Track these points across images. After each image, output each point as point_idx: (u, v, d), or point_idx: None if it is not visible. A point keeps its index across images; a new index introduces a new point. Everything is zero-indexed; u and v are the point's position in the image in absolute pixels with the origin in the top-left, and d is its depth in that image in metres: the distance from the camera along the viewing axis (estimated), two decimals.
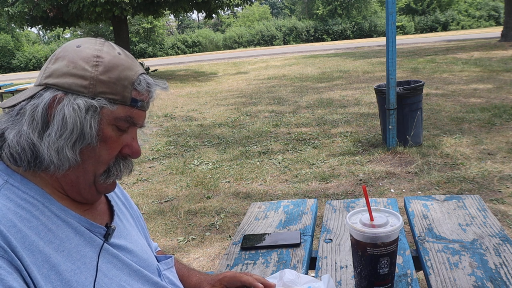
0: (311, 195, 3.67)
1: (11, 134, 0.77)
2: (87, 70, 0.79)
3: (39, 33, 48.16)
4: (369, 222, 1.08)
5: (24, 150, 0.77)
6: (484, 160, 4.07)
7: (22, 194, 0.77)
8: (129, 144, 0.86)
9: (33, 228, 0.75)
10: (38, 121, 0.77)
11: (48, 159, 0.77)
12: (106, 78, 0.79)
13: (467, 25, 40.40)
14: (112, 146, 0.83)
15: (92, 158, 0.82)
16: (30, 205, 0.77)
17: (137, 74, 0.83)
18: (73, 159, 0.79)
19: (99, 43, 0.83)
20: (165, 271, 1.03)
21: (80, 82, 0.78)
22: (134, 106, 0.83)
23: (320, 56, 18.46)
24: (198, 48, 40.77)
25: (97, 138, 0.80)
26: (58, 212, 0.80)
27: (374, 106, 6.60)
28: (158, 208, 3.72)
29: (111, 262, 0.86)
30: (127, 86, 0.81)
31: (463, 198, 1.65)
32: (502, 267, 1.18)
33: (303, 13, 47.56)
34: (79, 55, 0.80)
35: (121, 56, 0.83)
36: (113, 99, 0.80)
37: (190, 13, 18.35)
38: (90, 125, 0.79)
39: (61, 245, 0.78)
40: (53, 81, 0.79)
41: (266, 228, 1.59)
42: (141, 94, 0.84)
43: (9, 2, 14.12)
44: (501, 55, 12.20)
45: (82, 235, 0.83)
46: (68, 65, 0.79)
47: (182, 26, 53.38)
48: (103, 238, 0.87)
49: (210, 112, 7.96)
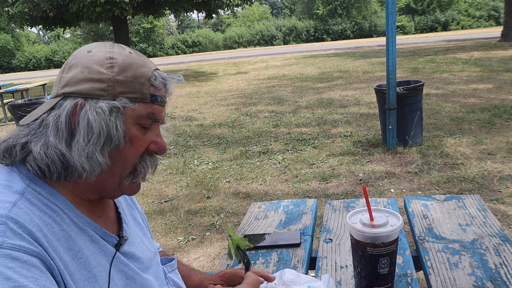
0: (311, 195, 3.67)
1: (37, 147, 0.77)
2: (103, 73, 0.79)
3: (39, 33, 48.18)
4: (369, 222, 1.08)
5: (54, 162, 0.77)
6: (484, 160, 4.07)
7: (44, 199, 0.77)
8: (154, 140, 0.86)
9: (55, 233, 0.75)
10: (63, 131, 0.77)
11: (80, 166, 0.77)
12: (123, 77, 0.79)
13: (467, 25, 40.41)
14: (138, 145, 0.83)
15: (119, 159, 0.82)
16: (51, 211, 0.77)
17: (151, 70, 0.83)
18: (104, 163, 0.79)
19: (109, 45, 0.83)
20: (170, 274, 1.05)
21: (98, 86, 0.78)
22: (154, 102, 0.83)
23: (320, 56, 18.46)
24: (198, 48, 40.77)
25: (123, 138, 0.80)
26: (76, 220, 0.80)
27: (374, 106, 6.60)
28: (158, 208, 3.72)
29: (122, 271, 0.86)
30: (144, 83, 0.81)
31: (463, 198, 1.65)
32: (502, 267, 1.18)
33: (303, 13, 47.56)
34: (92, 59, 0.80)
35: (132, 55, 0.83)
36: (133, 97, 0.80)
37: (190, 13, 18.36)
38: (116, 127, 0.78)
39: (79, 252, 0.78)
40: (70, 89, 0.79)
41: (266, 228, 1.59)
42: (159, 89, 0.84)
43: (9, 2, 14.12)
44: (501, 55, 12.20)
45: (97, 243, 0.83)
46: (83, 71, 0.79)
47: (182, 26, 53.38)
48: (115, 247, 0.87)
49: (210, 112, 7.96)
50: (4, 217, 0.69)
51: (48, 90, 11.73)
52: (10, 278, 0.63)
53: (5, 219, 0.69)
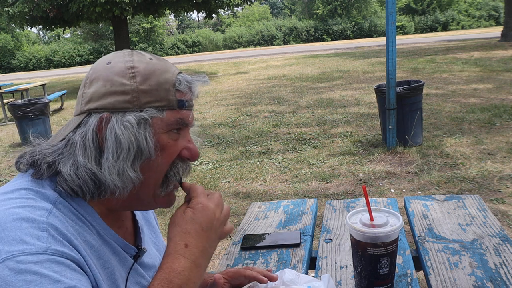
0: (311, 195, 3.67)
1: (66, 168, 0.75)
2: (126, 84, 0.76)
3: (39, 33, 48.18)
4: (369, 222, 1.08)
5: (85, 182, 0.75)
6: (484, 160, 4.07)
7: (74, 209, 0.77)
8: (186, 147, 0.84)
9: (86, 242, 0.75)
10: (91, 149, 0.75)
11: (112, 184, 0.75)
12: (147, 87, 0.77)
13: (467, 25, 40.42)
14: (171, 153, 0.81)
15: (151, 171, 0.80)
16: (80, 222, 0.77)
17: (175, 75, 0.81)
18: (136, 178, 0.77)
19: (127, 54, 0.81)
20: None
21: (122, 98, 0.76)
22: (182, 108, 0.81)
23: (320, 56, 18.46)
24: (198, 48, 40.78)
25: (154, 150, 0.78)
26: (101, 231, 0.80)
27: (374, 106, 6.60)
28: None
29: (139, 283, 0.86)
30: (169, 89, 0.79)
31: (463, 198, 1.65)
32: (502, 267, 1.18)
33: (303, 13, 47.56)
34: (112, 71, 0.77)
35: (153, 61, 0.81)
36: (160, 106, 0.78)
37: (190, 13, 18.36)
38: (145, 139, 0.76)
39: (107, 262, 0.79)
40: (94, 105, 0.76)
41: (266, 228, 1.59)
42: (184, 93, 0.81)
43: (9, 2, 14.13)
44: (501, 55, 12.20)
45: (118, 255, 0.83)
46: (105, 84, 0.76)
47: (182, 26, 53.39)
48: (133, 258, 0.87)
49: (210, 112, 7.96)
50: (45, 224, 0.69)
51: (48, 90, 11.73)
52: (59, 281, 0.64)
53: (46, 225, 0.69)
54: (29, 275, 0.63)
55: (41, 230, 0.68)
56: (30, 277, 0.63)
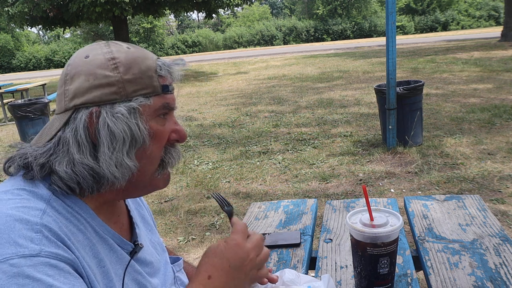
0: (311, 195, 3.67)
1: (62, 166, 0.74)
2: (110, 76, 0.76)
3: (39, 33, 48.18)
4: (369, 222, 1.08)
5: (84, 178, 0.75)
6: (484, 160, 4.07)
7: (68, 207, 0.76)
8: (174, 129, 0.85)
9: (80, 242, 0.75)
10: (85, 144, 0.75)
11: (111, 176, 0.76)
12: (131, 76, 0.77)
13: (467, 25, 40.43)
14: (161, 137, 0.83)
15: (145, 157, 0.81)
16: (75, 219, 0.76)
17: (155, 61, 0.82)
18: (133, 166, 0.78)
19: (104, 45, 0.81)
20: (178, 273, 1.05)
21: (109, 90, 0.76)
22: (166, 92, 0.82)
23: (320, 56, 18.46)
24: (198, 48, 40.79)
25: (148, 136, 0.79)
26: (97, 228, 0.80)
27: (374, 106, 6.60)
28: (158, 208, 3.72)
29: (135, 279, 0.86)
30: (152, 75, 0.80)
31: (463, 198, 1.65)
32: (502, 267, 1.18)
33: (303, 13, 47.57)
34: (93, 64, 0.77)
35: (131, 49, 0.81)
36: (147, 93, 0.79)
37: (190, 13, 18.36)
38: (138, 127, 0.77)
39: (102, 260, 0.78)
40: (80, 100, 0.76)
41: (266, 228, 1.59)
42: (166, 78, 0.83)
43: (9, 2, 14.12)
44: (501, 55, 12.20)
45: (115, 252, 0.83)
46: (88, 78, 0.76)
47: (182, 26, 53.39)
48: (130, 255, 0.86)
49: (210, 112, 7.96)
50: (38, 225, 0.68)
51: (48, 90, 11.73)
52: (52, 285, 0.64)
53: (40, 226, 0.68)
54: (22, 279, 0.62)
55: (34, 231, 0.68)
56: (23, 280, 0.62)
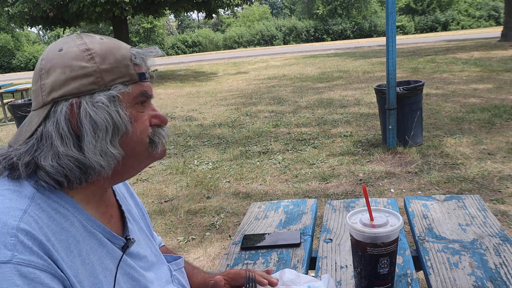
0: (311, 195, 3.67)
1: (47, 161, 0.75)
2: (86, 67, 0.77)
3: (39, 33, 48.17)
4: (369, 222, 1.08)
5: (71, 170, 0.76)
6: (484, 160, 4.07)
7: (53, 203, 0.76)
8: (153, 115, 0.87)
9: (63, 241, 0.74)
10: (68, 136, 0.76)
11: (97, 165, 0.77)
12: (108, 65, 0.78)
13: (467, 25, 40.43)
14: (142, 122, 0.84)
15: (131, 143, 0.82)
16: (60, 216, 0.76)
17: (128, 50, 0.83)
18: (118, 154, 0.79)
19: (77, 37, 0.81)
20: (175, 272, 1.04)
21: (87, 81, 0.76)
22: (143, 80, 0.84)
23: (320, 56, 18.46)
24: (198, 48, 40.77)
25: (129, 123, 0.80)
26: (85, 223, 0.79)
27: (374, 106, 6.60)
28: (158, 208, 3.72)
29: (128, 274, 0.86)
30: (128, 64, 0.81)
31: (463, 198, 1.65)
32: (502, 267, 1.18)
33: (303, 13, 47.56)
34: (68, 57, 0.77)
35: (105, 40, 0.82)
36: (124, 81, 0.80)
37: (190, 13, 18.36)
38: (119, 114, 0.78)
39: (87, 257, 0.77)
40: (58, 93, 0.76)
41: (266, 228, 1.59)
42: (141, 66, 0.84)
43: (9, 2, 14.12)
44: (501, 55, 12.20)
45: (105, 246, 0.82)
46: (64, 71, 0.76)
47: (182, 26, 53.38)
48: (122, 249, 0.86)
49: (210, 112, 7.96)
50: (14, 229, 0.67)
51: None
52: None
53: (16, 231, 0.67)
54: None
55: (10, 235, 0.67)
56: None
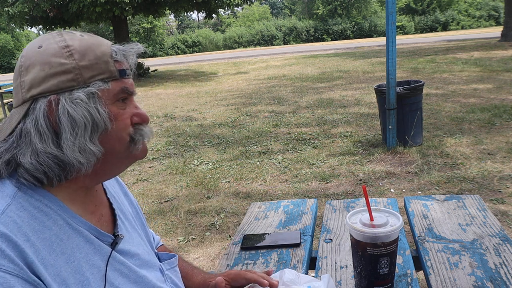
0: (311, 195, 3.67)
1: (26, 158, 0.74)
2: (65, 64, 0.76)
3: (39, 33, 48.19)
4: (369, 222, 1.08)
5: (50, 167, 0.75)
6: (484, 160, 4.07)
7: (35, 201, 0.75)
8: (135, 113, 0.86)
9: (45, 240, 0.73)
10: (46, 133, 0.75)
11: (76, 162, 0.76)
12: (87, 62, 0.78)
13: (467, 25, 40.44)
14: (123, 120, 0.83)
15: (111, 140, 0.81)
16: (43, 214, 0.75)
17: (109, 47, 0.82)
18: (97, 151, 0.78)
19: (57, 34, 0.81)
20: (168, 271, 1.03)
21: (65, 78, 0.76)
22: (124, 76, 0.83)
23: (320, 56, 18.46)
24: (198, 48, 40.77)
25: (109, 120, 0.80)
26: (70, 220, 0.79)
27: (374, 106, 6.60)
28: (158, 208, 3.72)
29: (118, 270, 0.85)
30: (108, 61, 0.80)
31: (463, 198, 1.65)
32: (502, 267, 1.18)
33: (303, 13, 47.56)
34: (47, 54, 0.77)
35: (85, 37, 0.81)
36: (104, 78, 0.79)
37: (190, 13, 18.36)
38: (98, 111, 0.78)
39: (72, 255, 0.77)
40: (37, 90, 0.76)
41: (266, 228, 1.59)
42: (122, 63, 0.83)
43: (9, 2, 14.12)
44: (501, 55, 12.20)
45: (92, 243, 0.82)
46: (43, 68, 0.76)
47: (182, 26, 53.38)
48: (111, 246, 0.86)
49: (210, 112, 7.96)
50: None
51: None
52: None
53: None
54: None
55: None
56: None
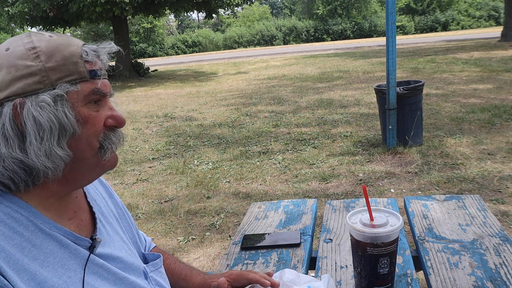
0: (311, 195, 3.67)
1: None
2: (31, 66, 0.74)
3: None
4: (369, 222, 1.08)
5: (15, 172, 0.74)
6: (484, 160, 4.07)
7: (5, 208, 0.74)
8: (109, 115, 0.83)
9: (16, 245, 0.72)
10: (12, 137, 0.73)
11: (42, 167, 0.74)
12: (54, 63, 0.75)
13: (467, 25, 40.43)
14: (95, 124, 0.80)
15: (80, 145, 0.79)
16: (13, 221, 0.74)
17: (79, 47, 0.79)
18: (66, 156, 0.76)
19: (25, 36, 0.79)
20: (152, 273, 1.01)
21: (31, 80, 0.74)
22: (95, 77, 0.80)
23: (320, 56, 18.46)
24: (198, 48, 40.75)
25: (77, 124, 0.77)
26: (43, 226, 0.77)
27: (374, 106, 6.60)
28: (158, 208, 3.72)
29: (97, 273, 0.84)
30: (77, 61, 0.77)
31: (463, 198, 1.65)
32: (502, 267, 1.18)
33: (303, 13, 47.56)
34: (13, 56, 0.75)
35: (54, 37, 0.79)
36: (72, 79, 0.77)
37: (190, 13, 18.36)
38: (65, 115, 0.75)
39: (46, 260, 0.75)
40: (4, 94, 0.74)
41: (266, 228, 1.59)
42: (94, 63, 0.80)
43: (9, 2, 14.12)
44: (501, 55, 12.20)
45: (67, 247, 0.80)
46: (10, 71, 0.74)
47: (182, 26, 53.38)
48: (89, 250, 0.84)
49: (210, 112, 7.96)
50: None
51: None
52: None
53: None
54: None
55: None
56: None
